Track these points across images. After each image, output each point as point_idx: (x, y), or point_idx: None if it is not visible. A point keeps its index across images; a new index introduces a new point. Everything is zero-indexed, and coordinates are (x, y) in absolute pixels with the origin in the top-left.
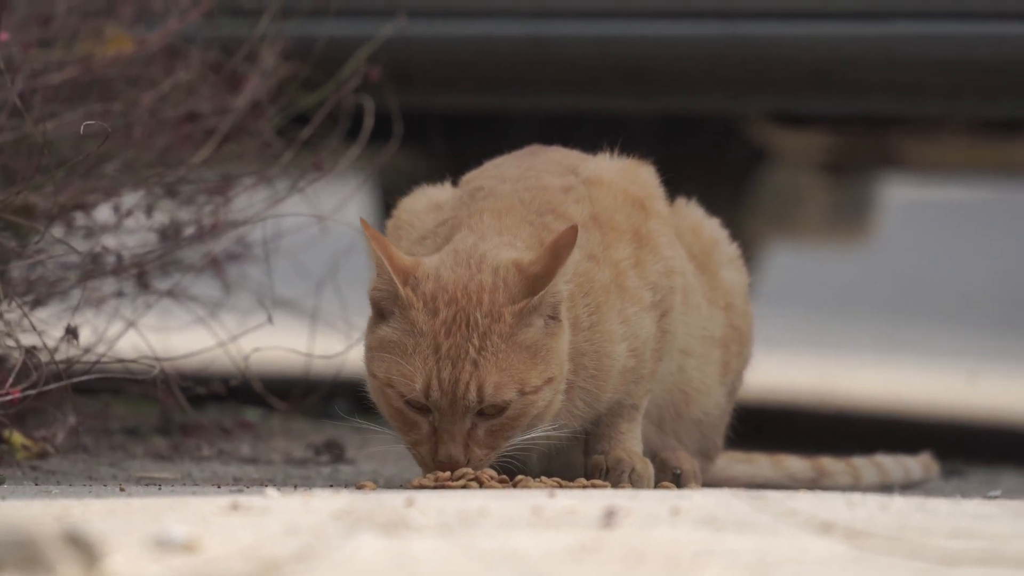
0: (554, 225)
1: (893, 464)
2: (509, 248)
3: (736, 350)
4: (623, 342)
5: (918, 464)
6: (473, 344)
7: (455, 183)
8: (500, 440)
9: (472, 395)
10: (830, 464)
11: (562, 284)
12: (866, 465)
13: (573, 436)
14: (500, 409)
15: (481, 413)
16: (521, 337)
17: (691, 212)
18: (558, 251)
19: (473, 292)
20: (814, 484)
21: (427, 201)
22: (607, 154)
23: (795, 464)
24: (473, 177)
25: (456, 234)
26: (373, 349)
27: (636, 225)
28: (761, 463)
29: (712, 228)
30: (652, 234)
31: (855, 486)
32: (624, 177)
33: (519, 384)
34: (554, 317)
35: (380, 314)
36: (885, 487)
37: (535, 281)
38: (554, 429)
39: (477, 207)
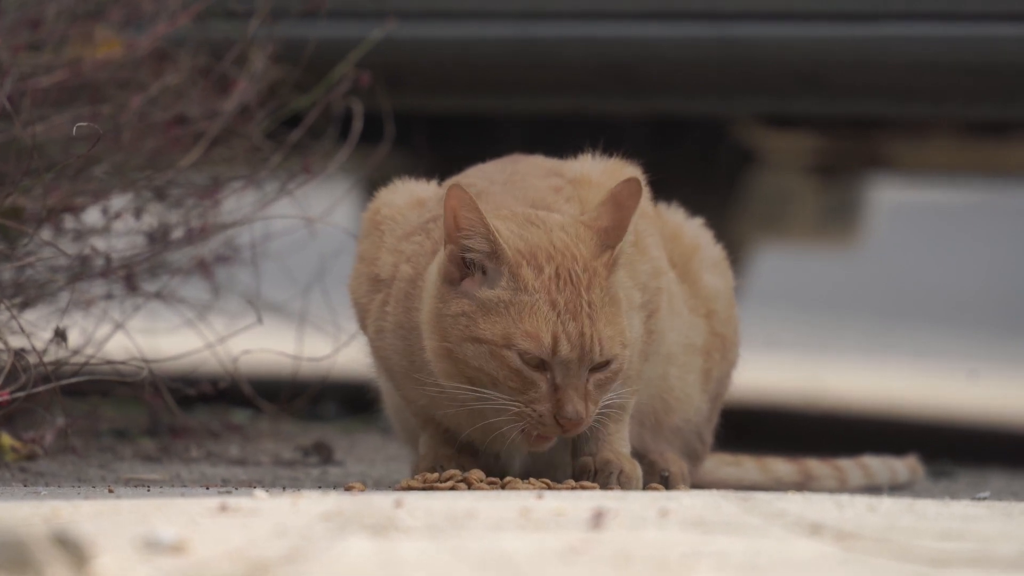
0: None
1: (879, 465)
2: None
3: (718, 358)
4: None
5: (904, 466)
6: (584, 298)
7: (440, 183)
8: (601, 395)
9: (597, 349)
10: (815, 467)
11: (630, 237)
12: (852, 467)
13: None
14: (607, 362)
15: (592, 368)
16: (612, 291)
17: (671, 217)
18: (621, 202)
19: (562, 248)
20: (800, 487)
21: (408, 196)
22: (589, 155)
23: (781, 467)
24: (456, 181)
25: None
26: (472, 316)
27: None
28: (748, 466)
29: (694, 231)
30: (641, 234)
31: (841, 488)
32: (611, 177)
33: (622, 336)
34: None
35: (450, 281)
36: (871, 489)
37: (607, 234)
38: (617, 396)
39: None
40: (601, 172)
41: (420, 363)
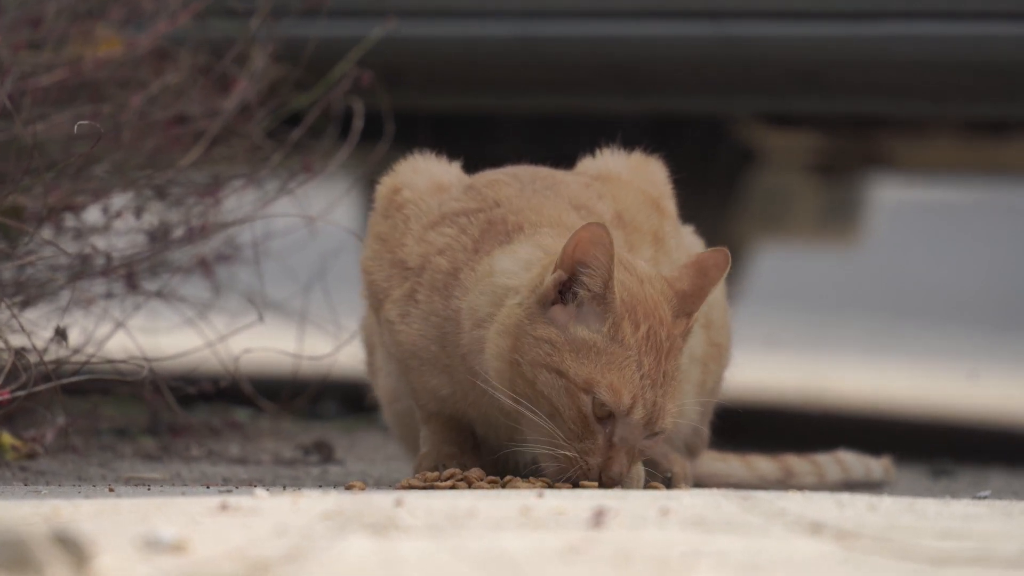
0: (589, 219)
1: (854, 461)
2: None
3: (713, 368)
4: None
5: (879, 465)
6: (663, 367)
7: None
8: (639, 460)
9: (662, 421)
10: (795, 464)
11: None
12: (829, 462)
13: None
14: (658, 433)
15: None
16: (680, 361)
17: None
18: (705, 270)
19: (653, 307)
20: (783, 484)
21: (429, 179)
22: (608, 150)
23: (764, 465)
24: (473, 180)
25: (518, 235)
26: (559, 346)
27: (655, 227)
28: (734, 463)
29: (690, 239)
30: (666, 236)
31: (820, 485)
32: (638, 175)
33: (677, 413)
34: None
35: (543, 304)
36: (848, 484)
37: (685, 299)
38: None
39: (509, 204)
40: (629, 169)
41: (453, 351)
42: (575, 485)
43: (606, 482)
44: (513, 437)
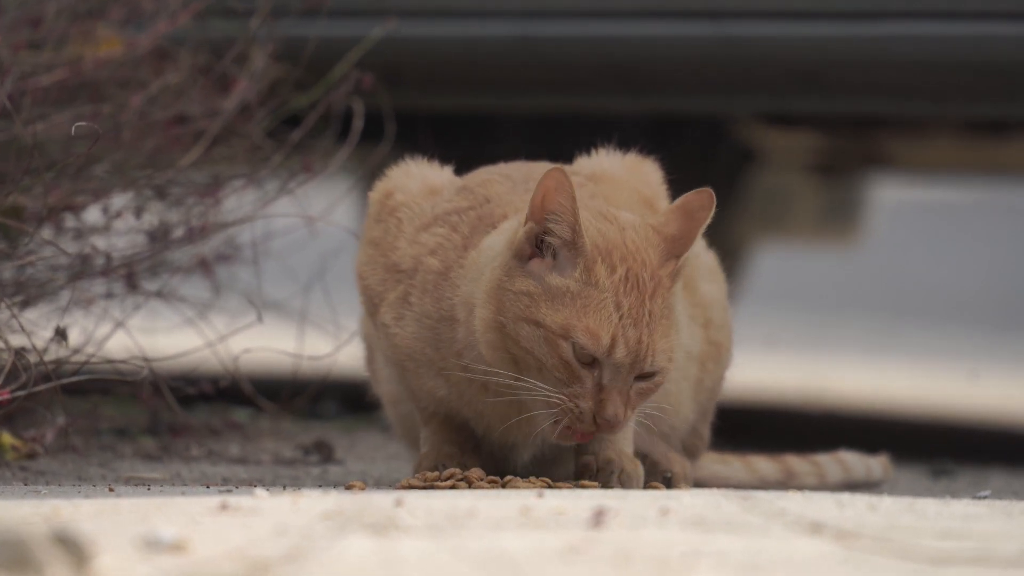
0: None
1: (856, 461)
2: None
3: (712, 367)
4: None
5: (878, 464)
6: (646, 307)
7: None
8: (640, 402)
9: (649, 359)
10: (796, 463)
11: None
12: (830, 462)
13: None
14: (653, 373)
15: (638, 375)
16: (671, 303)
17: None
18: (692, 213)
19: (634, 251)
20: (783, 485)
21: (422, 182)
22: (604, 150)
23: (764, 466)
24: (466, 181)
25: (502, 222)
26: (535, 298)
27: None
28: (735, 465)
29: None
30: None
31: (821, 485)
32: (632, 174)
33: (671, 351)
34: None
35: (520, 258)
36: (849, 484)
37: (674, 243)
38: (656, 409)
39: (507, 199)
40: (623, 169)
41: (448, 352)
42: (580, 454)
43: (602, 425)
44: (512, 436)
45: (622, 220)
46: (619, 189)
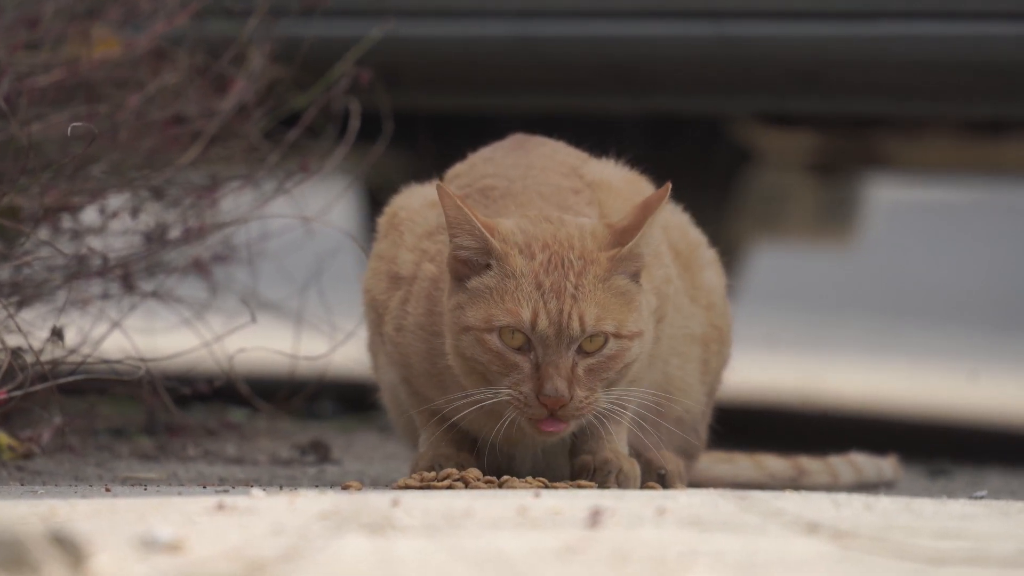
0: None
1: (867, 463)
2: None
3: (716, 349)
4: None
5: (888, 465)
6: (571, 281)
7: (441, 179)
8: (596, 381)
9: (576, 324)
10: (809, 463)
11: (647, 242)
12: (842, 464)
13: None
14: (599, 347)
15: (581, 351)
16: (616, 283)
17: (677, 214)
18: (648, 205)
19: (563, 240)
20: (794, 483)
21: (422, 199)
22: (611, 161)
23: (775, 464)
24: (463, 172)
25: None
26: (463, 306)
27: None
28: (742, 463)
29: (695, 231)
30: (657, 243)
31: (833, 485)
32: (630, 186)
33: (616, 322)
34: (636, 281)
35: (459, 278)
36: (861, 485)
37: (623, 233)
38: (628, 391)
39: (499, 205)
40: (622, 180)
41: (442, 366)
42: (577, 454)
43: (544, 402)
44: (509, 437)
45: (568, 221)
46: (615, 196)
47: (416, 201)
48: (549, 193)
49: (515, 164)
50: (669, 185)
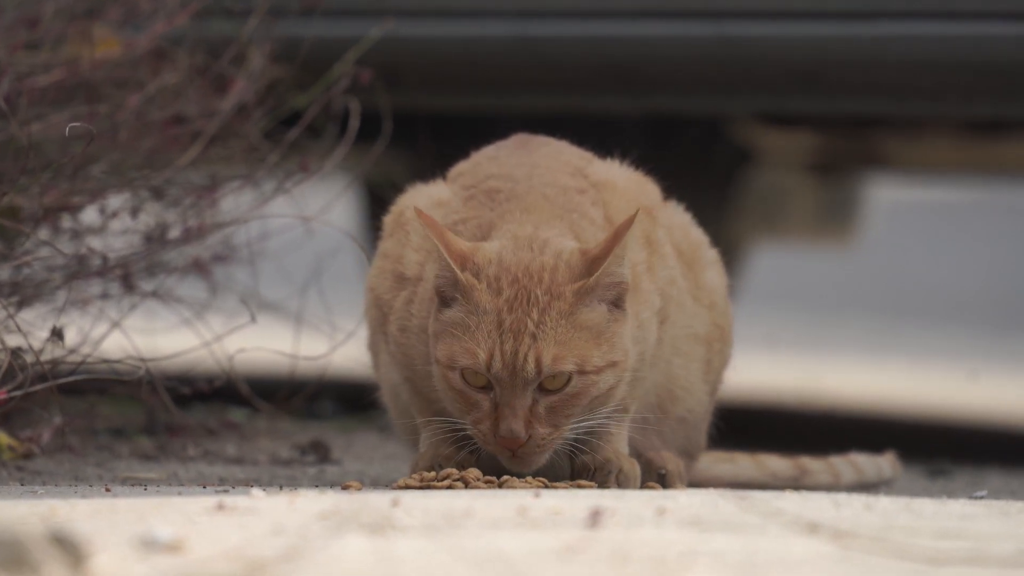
0: (580, 223)
1: (867, 463)
2: (565, 238)
3: (718, 348)
4: (636, 345)
5: (886, 463)
6: (532, 318)
7: (444, 177)
8: (561, 418)
9: (531, 366)
10: (810, 463)
11: (619, 267)
12: (843, 464)
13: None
14: (560, 385)
15: (542, 389)
16: (582, 317)
17: (679, 214)
18: (617, 233)
19: (535, 272)
20: (796, 483)
21: (427, 199)
22: (615, 161)
23: (777, 463)
24: (467, 171)
25: (492, 233)
26: (436, 335)
27: (647, 231)
28: (743, 463)
29: (697, 231)
30: (661, 242)
31: (835, 485)
32: (634, 185)
33: (578, 360)
34: (618, 306)
35: (444, 301)
36: (862, 485)
37: (593, 263)
38: (609, 416)
39: (504, 208)
40: (627, 180)
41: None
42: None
43: (500, 442)
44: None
45: (549, 248)
46: (619, 196)
47: (422, 200)
48: (554, 195)
49: (520, 163)
50: (637, 212)
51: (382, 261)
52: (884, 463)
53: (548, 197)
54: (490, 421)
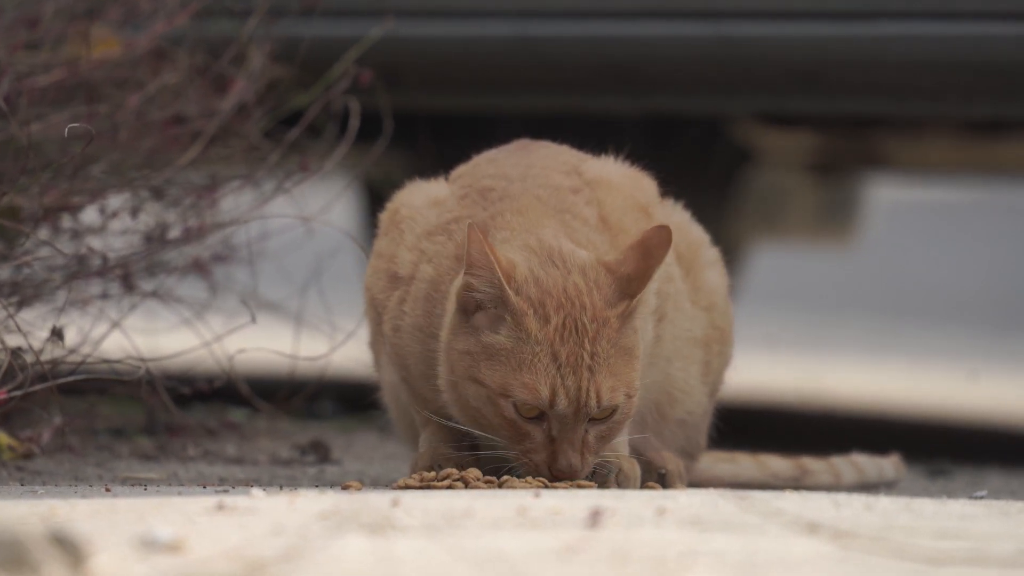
0: (573, 223)
1: (868, 463)
2: (561, 239)
3: (718, 350)
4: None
5: (890, 464)
6: (586, 350)
7: (446, 180)
8: (604, 445)
9: (593, 401)
10: (811, 463)
11: (653, 286)
12: (844, 464)
13: None
14: (609, 413)
15: (592, 420)
16: (624, 341)
17: (678, 212)
18: (649, 251)
19: (574, 296)
20: (797, 483)
21: (425, 196)
22: (611, 158)
23: (778, 463)
24: (466, 172)
25: (491, 233)
26: (474, 356)
27: (643, 230)
28: (744, 463)
29: (697, 230)
30: None
31: (836, 485)
32: (631, 182)
33: (626, 388)
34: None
35: (465, 312)
36: (863, 486)
37: (628, 283)
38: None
39: (496, 208)
40: (622, 176)
41: (436, 365)
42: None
43: (557, 475)
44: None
45: (571, 262)
46: (614, 194)
47: (419, 198)
48: (547, 195)
49: (516, 164)
50: (670, 228)
51: (376, 260)
52: (887, 464)
53: (541, 198)
54: (546, 453)
